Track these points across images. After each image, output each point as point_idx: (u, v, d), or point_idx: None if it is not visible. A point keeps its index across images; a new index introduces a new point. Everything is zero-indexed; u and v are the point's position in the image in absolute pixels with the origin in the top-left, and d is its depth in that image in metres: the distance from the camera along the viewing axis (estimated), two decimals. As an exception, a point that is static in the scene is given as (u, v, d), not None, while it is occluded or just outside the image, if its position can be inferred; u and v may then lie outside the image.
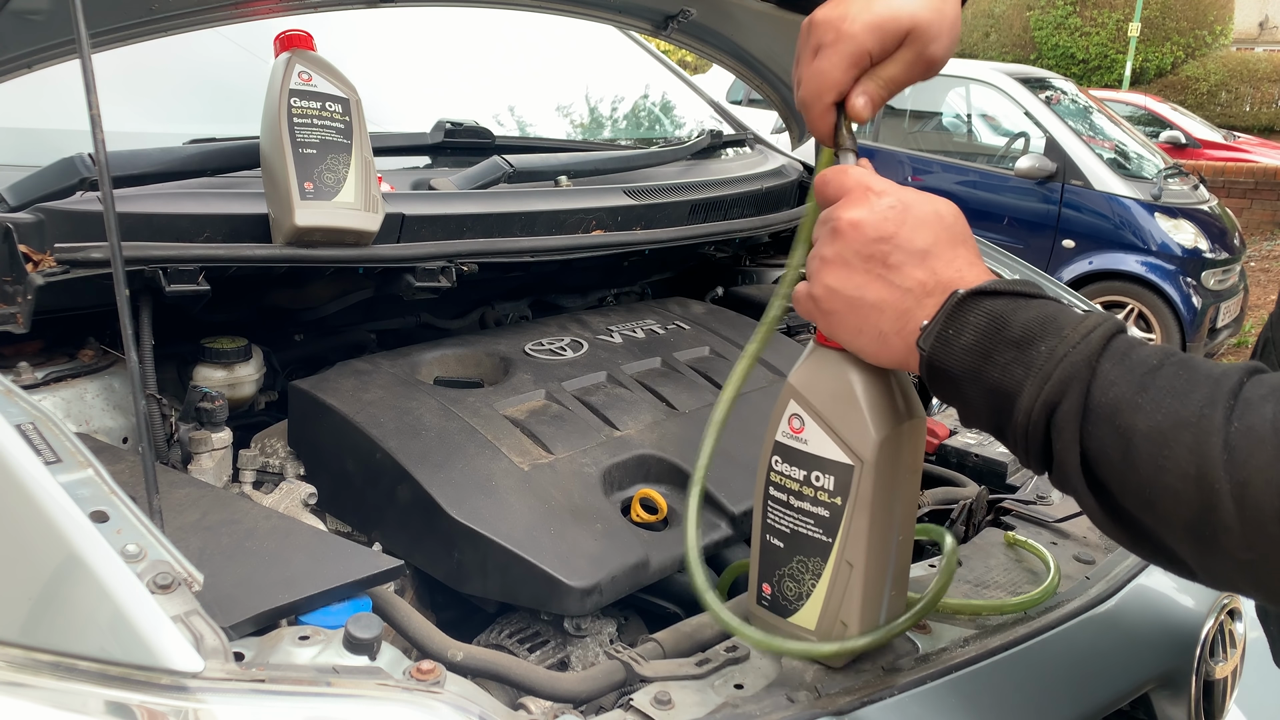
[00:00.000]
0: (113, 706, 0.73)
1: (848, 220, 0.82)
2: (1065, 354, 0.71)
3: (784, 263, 2.12)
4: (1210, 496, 0.64)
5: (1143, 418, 0.68)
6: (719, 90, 7.48)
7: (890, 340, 0.81)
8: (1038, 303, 0.76)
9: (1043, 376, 0.72)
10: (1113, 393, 0.69)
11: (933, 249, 0.80)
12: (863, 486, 0.87)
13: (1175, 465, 0.66)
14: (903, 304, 0.80)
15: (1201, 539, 0.66)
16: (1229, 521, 0.64)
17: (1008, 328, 0.75)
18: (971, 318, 0.76)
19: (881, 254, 0.80)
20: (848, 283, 0.82)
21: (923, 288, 0.79)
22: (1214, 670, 1.22)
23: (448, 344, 1.48)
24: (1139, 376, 0.69)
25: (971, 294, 0.77)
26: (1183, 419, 0.66)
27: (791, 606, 0.93)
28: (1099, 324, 0.73)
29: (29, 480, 0.79)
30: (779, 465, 0.91)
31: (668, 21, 1.83)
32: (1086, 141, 6.08)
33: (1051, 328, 0.74)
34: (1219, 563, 0.67)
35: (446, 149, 1.72)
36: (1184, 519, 0.66)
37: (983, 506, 1.38)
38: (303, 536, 0.98)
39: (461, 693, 0.79)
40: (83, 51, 0.88)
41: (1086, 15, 16.50)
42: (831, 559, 0.90)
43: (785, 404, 0.90)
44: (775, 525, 0.93)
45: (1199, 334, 5.66)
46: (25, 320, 1.12)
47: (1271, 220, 9.98)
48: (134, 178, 1.24)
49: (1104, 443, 0.69)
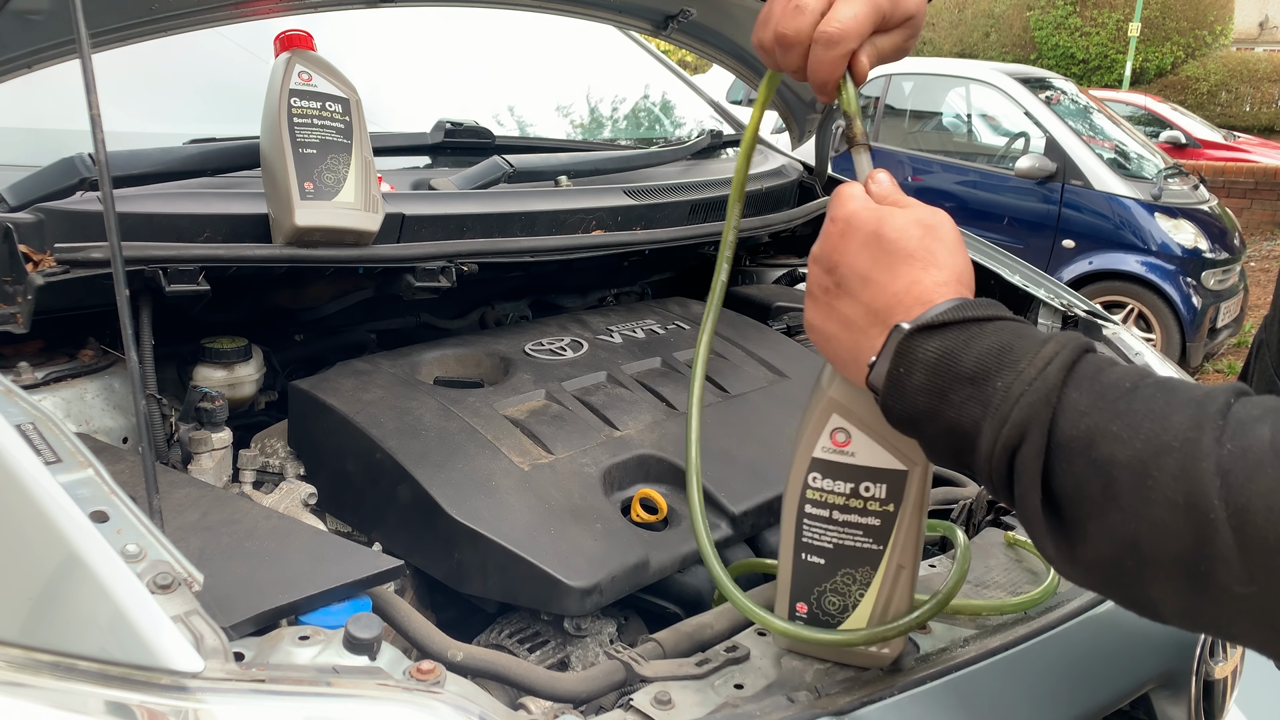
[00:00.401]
0: (113, 706, 0.73)
1: (811, 254, 0.83)
2: (1021, 392, 0.66)
3: (784, 263, 2.13)
4: (1203, 527, 0.59)
5: (1121, 447, 0.62)
6: (719, 90, 7.49)
7: (851, 369, 0.79)
8: (992, 328, 0.71)
9: (1000, 418, 0.67)
10: (1084, 424, 0.64)
11: (869, 274, 0.77)
12: (915, 489, 0.86)
13: (1161, 495, 0.60)
14: (850, 336, 0.78)
15: (1194, 575, 0.60)
16: (1226, 552, 0.58)
17: (959, 363, 0.70)
18: (920, 354, 0.71)
19: (833, 285, 0.79)
20: (813, 314, 0.82)
21: (865, 318, 0.77)
22: (1214, 670, 1.22)
23: (448, 344, 1.48)
24: (1112, 402, 0.64)
25: (917, 330, 0.72)
26: (1165, 444, 0.61)
27: (835, 620, 0.91)
28: (1057, 352, 0.68)
29: (29, 480, 0.79)
30: (818, 482, 0.88)
31: (668, 21, 1.83)
32: (1086, 141, 6.08)
33: (1007, 359, 0.68)
34: (1210, 603, 0.61)
35: (446, 149, 1.72)
36: (1174, 554, 0.61)
37: (982, 506, 1.38)
38: (303, 536, 0.98)
39: (461, 693, 0.79)
40: (83, 51, 0.88)
41: (1086, 15, 16.50)
42: (883, 566, 0.88)
43: (825, 419, 0.86)
44: (814, 543, 0.90)
45: (1199, 334, 5.66)
46: (25, 320, 1.12)
47: (1271, 220, 9.98)
48: (134, 178, 1.24)
49: (1080, 479, 0.64)
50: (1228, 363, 6.53)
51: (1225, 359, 6.59)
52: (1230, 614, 0.62)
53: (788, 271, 2.09)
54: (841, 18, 0.82)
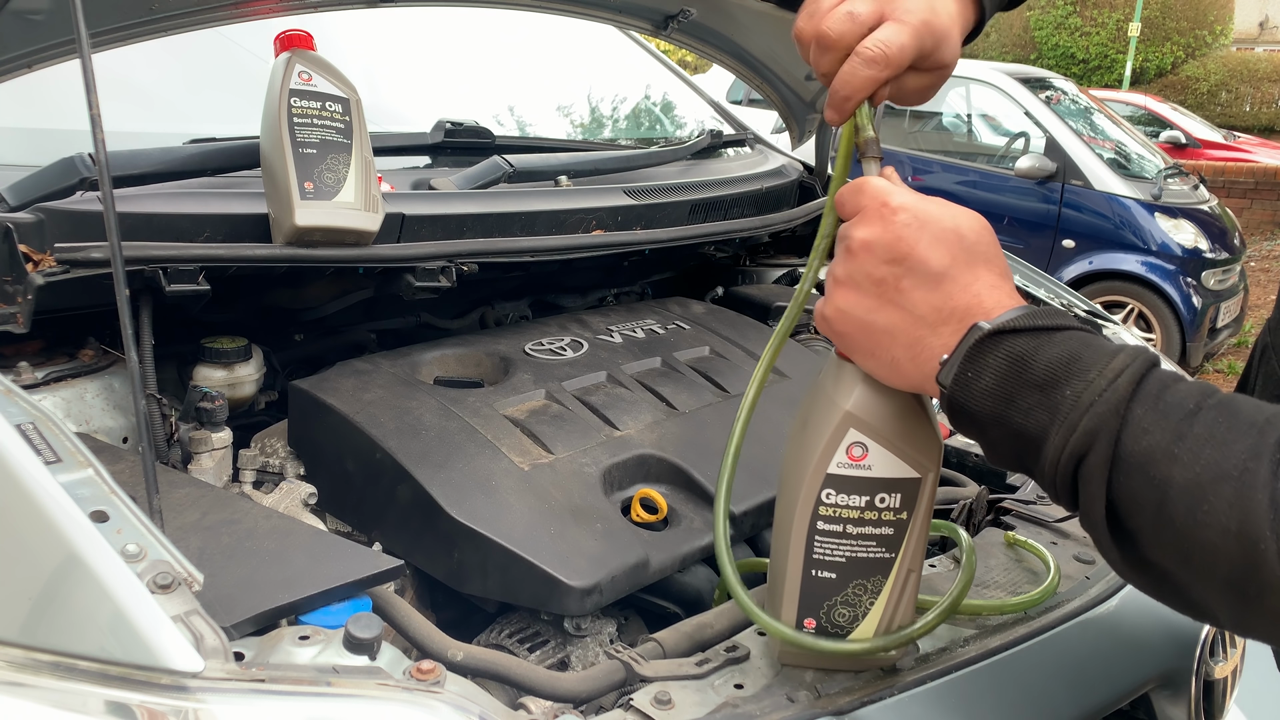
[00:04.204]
0: (113, 706, 0.73)
1: (860, 240, 0.78)
2: (1091, 402, 0.67)
3: (784, 263, 2.13)
4: (1254, 555, 0.60)
5: (1180, 469, 0.63)
6: (719, 90, 7.48)
7: (903, 366, 0.77)
8: (1062, 337, 0.71)
9: (1069, 426, 0.67)
10: (1146, 441, 0.65)
11: (948, 271, 0.75)
12: (927, 494, 0.85)
13: (1215, 520, 0.61)
14: (915, 331, 0.75)
15: (1243, 596, 0.62)
16: (1274, 582, 0.60)
17: (1030, 370, 0.70)
18: (991, 359, 0.71)
19: (894, 277, 0.76)
20: (858, 305, 0.78)
21: (937, 314, 0.75)
22: (1214, 670, 1.22)
23: (448, 344, 1.48)
24: (1175, 423, 0.65)
25: (991, 334, 0.72)
26: (1223, 471, 0.62)
27: (844, 631, 0.90)
28: (1128, 364, 0.68)
29: (29, 480, 0.79)
30: (831, 498, 0.86)
31: (668, 21, 1.83)
32: (1086, 141, 6.08)
33: (1077, 368, 0.69)
34: (1259, 619, 0.63)
35: (446, 149, 1.72)
36: (1224, 575, 0.62)
37: (983, 506, 1.38)
38: (303, 536, 0.98)
39: (461, 693, 0.79)
40: (83, 51, 0.88)
41: (1086, 15, 16.50)
42: (894, 573, 0.88)
43: (842, 434, 0.84)
44: (825, 559, 0.88)
45: (1199, 334, 5.66)
46: (25, 320, 1.12)
47: (1271, 220, 9.98)
48: (134, 178, 1.24)
49: (1137, 493, 0.65)
50: (1228, 363, 6.53)
51: (1225, 359, 6.59)
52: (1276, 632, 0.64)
53: (788, 271, 2.09)
54: (887, 40, 0.80)
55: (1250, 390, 1.08)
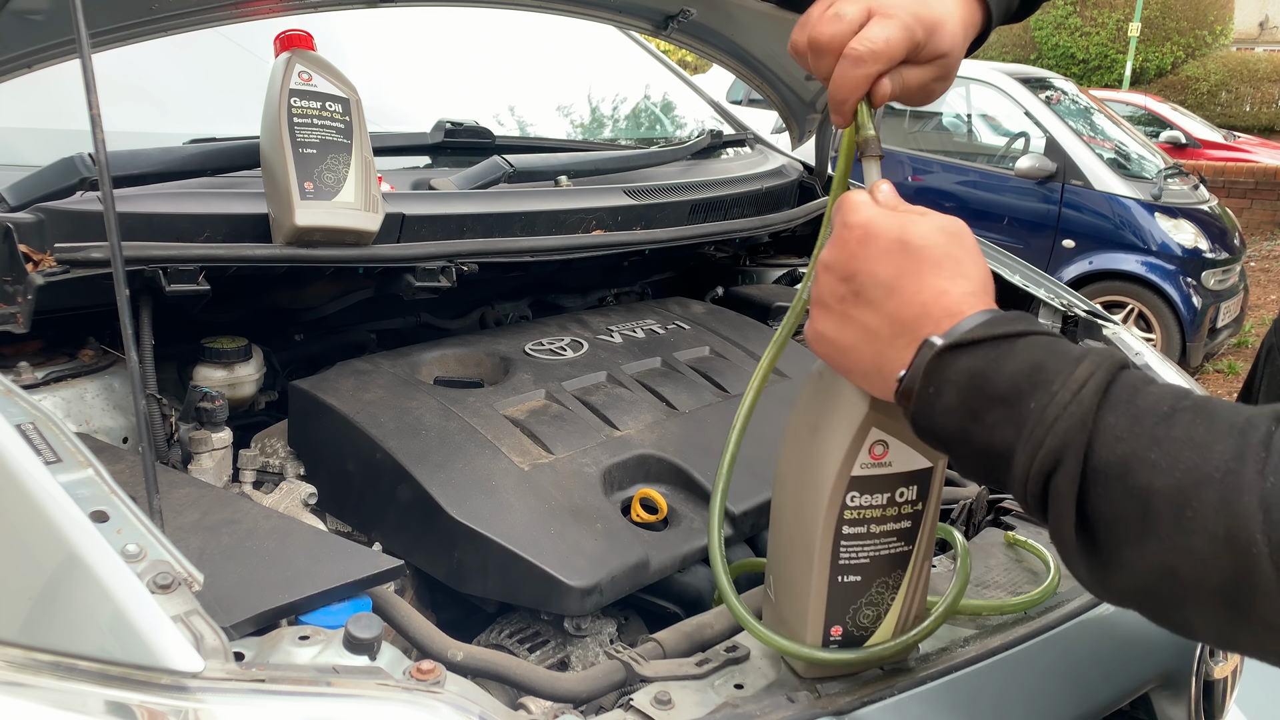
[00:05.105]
0: (113, 706, 0.73)
1: (822, 260, 0.79)
2: (1056, 416, 0.64)
3: (784, 263, 2.13)
4: (1244, 560, 0.58)
5: (1160, 476, 0.61)
6: (719, 90, 7.47)
7: (874, 381, 0.76)
8: (1024, 344, 0.68)
9: (1034, 443, 0.65)
10: (1120, 449, 0.62)
11: (894, 283, 0.74)
12: (938, 481, 0.86)
13: (1201, 527, 0.59)
14: (874, 346, 0.75)
15: (1233, 605, 0.60)
16: (1268, 586, 0.57)
17: (991, 383, 0.68)
18: (950, 375, 0.69)
19: (851, 294, 0.76)
20: (827, 326, 0.78)
21: (890, 329, 0.74)
22: (1214, 670, 1.22)
23: (448, 344, 1.48)
24: (1149, 428, 0.62)
25: (945, 350, 0.70)
26: (1205, 475, 0.60)
27: (868, 633, 0.90)
28: (1093, 371, 0.66)
29: (29, 480, 0.79)
30: (856, 500, 0.84)
31: (668, 21, 1.83)
32: (1087, 141, 6.08)
33: (1040, 379, 0.66)
34: (1248, 631, 0.61)
35: (446, 149, 1.72)
36: (1213, 585, 0.60)
37: (983, 506, 1.38)
38: (303, 536, 0.98)
39: (461, 693, 0.79)
40: (83, 51, 0.88)
41: (1086, 15, 16.50)
42: (911, 565, 0.88)
43: (865, 435, 0.82)
44: (851, 563, 0.87)
45: (1199, 334, 5.66)
46: (25, 320, 1.12)
47: (1271, 220, 9.98)
48: (134, 178, 1.24)
49: (1116, 506, 0.62)
50: (1228, 363, 6.53)
51: (1225, 359, 6.59)
52: (1269, 641, 0.61)
53: (788, 271, 2.09)
54: (873, 37, 0.80)
55: (1256, 390, 1.08)
